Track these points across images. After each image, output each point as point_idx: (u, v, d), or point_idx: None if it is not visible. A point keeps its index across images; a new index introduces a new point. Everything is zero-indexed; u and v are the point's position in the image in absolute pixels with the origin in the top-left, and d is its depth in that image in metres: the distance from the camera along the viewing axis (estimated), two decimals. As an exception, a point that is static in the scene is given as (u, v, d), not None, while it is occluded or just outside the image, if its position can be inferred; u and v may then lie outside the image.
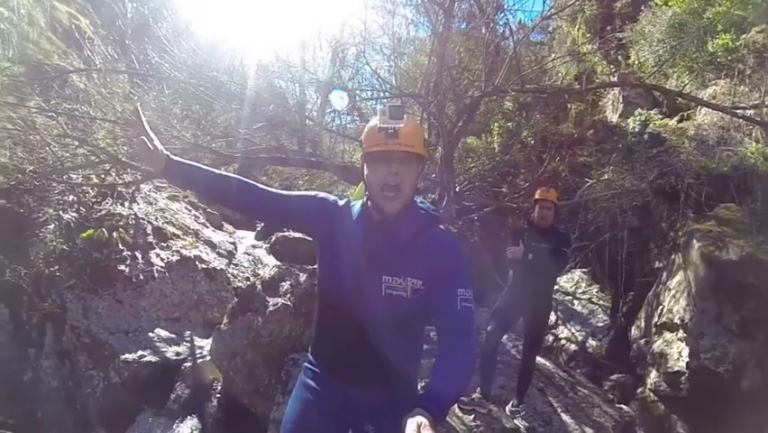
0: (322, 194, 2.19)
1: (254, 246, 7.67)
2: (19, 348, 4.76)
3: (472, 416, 4.29)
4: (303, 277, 4.80)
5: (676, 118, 9.04)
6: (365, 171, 2.04)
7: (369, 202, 2.05)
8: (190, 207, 7.57)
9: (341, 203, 2.14)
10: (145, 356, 4.91)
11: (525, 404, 4.63)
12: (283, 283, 4.71)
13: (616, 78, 9.94)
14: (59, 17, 8.83)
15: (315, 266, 2.30)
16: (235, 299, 4.83)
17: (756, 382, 5.09)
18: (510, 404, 4.63)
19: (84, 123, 6.25)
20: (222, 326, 4.57)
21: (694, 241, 5.74)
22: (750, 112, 7.04)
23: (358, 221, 2.06)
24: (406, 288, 1.94)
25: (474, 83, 6.77)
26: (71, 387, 4.73)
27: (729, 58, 8.88)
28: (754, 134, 7.65)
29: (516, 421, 4.45)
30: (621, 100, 10.34)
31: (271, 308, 4.53)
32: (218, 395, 4.67)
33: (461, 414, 4.32)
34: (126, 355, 4.85)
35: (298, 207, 2.13)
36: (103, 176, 6.28)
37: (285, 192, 2.19)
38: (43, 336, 4.86)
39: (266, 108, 7.08)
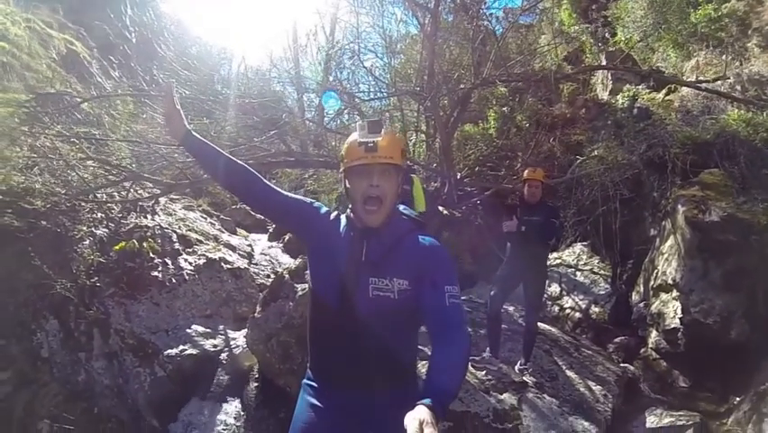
0: (317, 203, 2.30)
1: (269, 247, 8.14)
2: (70, 353, 5.20)
3: (484, 372, 4.83)
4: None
5: (663, 91, 9.34)
6: (347, 185, 2.15)
7: (352, 214, 2.15)
8: (205, 216, 8.01)
9: (332, 214, 2.25)
10: (186, 350, 5.42)
11: (532, 363, 5.16)
12: (308, 272, 5.16)
13: (604, 58, 10.24)
14: (55, 44, 9.20)
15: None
16: (266, 290, 5.37)
17: (744, 332, 5.53)
18: (518, 363, 5.15)
19: (97, 145, 6.74)
20: (255, 314, 5.11)
21: (679, 206, 6.16)
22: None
23: (344, 229, 2.15)
24: (393, 288, 2.01)
25: (465, 76, 7.14)
26: (121, 384, 5.21)
27: (712, 27, 9.15)
28: (736, 102, 7.98)
29: (524, 378, 4.95)
30: (610, 78, 10.64)
31: (300, 293, 5.02)
32: (256, 379, 5.18)
33: (473, 370, 4.84)
34: (169, 351, 5.36)
35: (296, 208, 2.23)
36: (124, 193, 6.80)
37: (285, 192, 2.30)
38: (91, 340, 5.31)
39: (268, 113, 7.48)
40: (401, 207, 2.25)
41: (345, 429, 2.12)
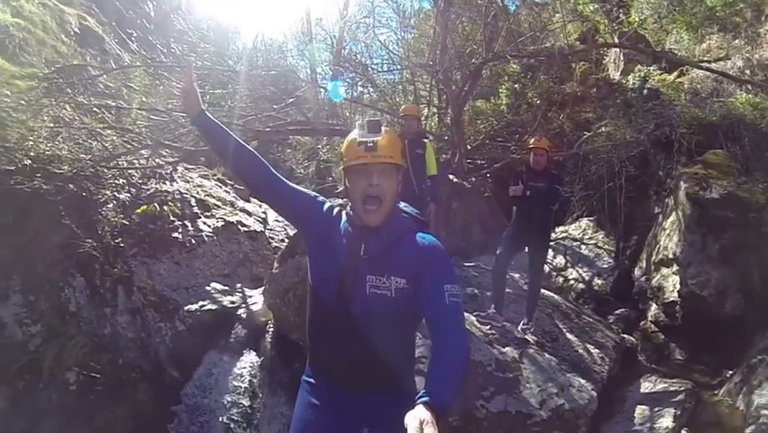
0: (321, 197, 2.30)
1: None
2: (96, 309, 5.53)
3: (488, 326, 5.17)
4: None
5: (675, 73, 9.41)
6: (346, 184, 2.14)
7: (351, 212, 2.13)
8: (220, 184, 8.26)
9: (335, 210, 2.23)
10: (205, 306, 5.77)
11: (534, 324, 5.44)
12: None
13: (617, 38, 10.27)
14: (68, 19, 9.37)
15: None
16: (284, 247, 5.71)
17: (739, 306, 5.75)
18: (521, 323, 5.44)
19: (117, 115, 7.01)
20: (273, 270, 5.43)
21: (681, 183, 6.34)
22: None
23: (344, 226, 2.15)
24: (390, 287, 2.00)
25: (477, 51, 7.29)
26: (144, 337, 5.55)
27: (728, 12, 9.15)
28: (744, 86, 8.08)
29: (526, 336, 5.25)
30: (622, 58, 10.68)
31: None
32: (271, 333, 5.51)
33: (478, 324, 5.17)
34: (189, 306, 5.72)
35: (301, 202, 2.24)
36: (143, 161, 7.09)
37: (292, 184, 2.31)
38: (116, 297, 5.64)
39: (282, 85, 7.68)
40: (402, 205, 2.23)
41: (343, 428, 2.13)
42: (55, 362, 5.16)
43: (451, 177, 7.34)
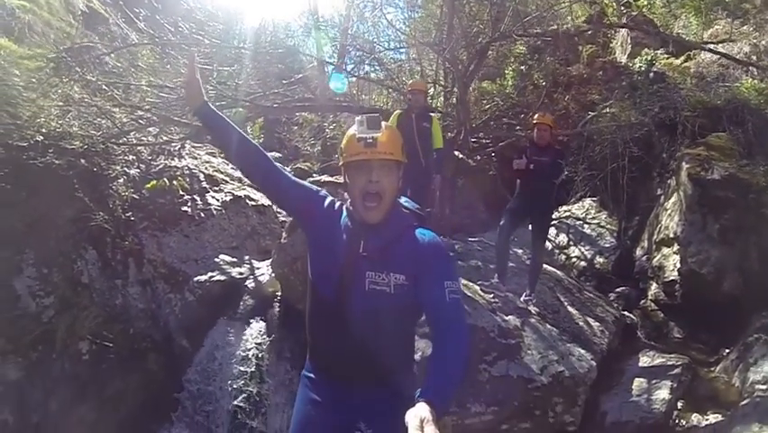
0: (323, 191, 2.29)
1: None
2: (108, 280, 5.65)
3: (491, 295, 5.32)
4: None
5: (682, 58, 9.43)
6: (346, 180, 2.12)
7: (351, 208, 2.13)
8: (227, 161, 8.39)
9: (336, 204, 2.22)
10: (214, 277, 5.95)
11: (536, 297, 5.57)
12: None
13: (625, 20, 10.27)
14: (73, 1, 9.42)
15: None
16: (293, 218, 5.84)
17: (737, 285, 5.82)
18: (524, 295, 5.58)
19: (126, 94, 7.11)
20: (282, 240, 5.57)
21: (683, 163, 6.41)
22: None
23: (345, 221, 2.14)
24: (389, 283, 2.00)
25: (483, 31, 7.35)
26: (154, 308, 5.70)
27: (738, -2, 9.15)
28: (750, 71, 8.13)
29: (528, 307, 5.39)
30: (629, 41, 10.68)
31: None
32: (278, 303, 5.66)
33: (481, 293, 5.33)
34: (198, 277, 5.89)
35: (302, 196, 2.24)
36: (152, 138, 7.21)
37: (294, 177, 2.30)
38: (127, 269, 5.78)
39: (288, 63, 7.76)
40: (402, 200, 2.24)
41: (342, 424, 2.13)
42: (68, 332, 5.26)
43: (456, 153, 7.43)
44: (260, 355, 5.23)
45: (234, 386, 5.15)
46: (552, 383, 4.58)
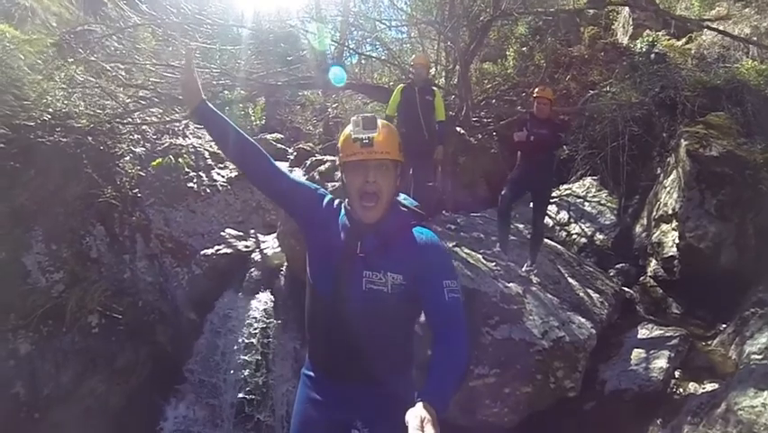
0: (322, 190, 2.29)
1: (291, 170, 8.66)
2: (116, 255, 5.75)
3: (494, 263, 5.44)
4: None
5: (684, 40, 9.46)
6: (344, 180, 2.12)
7: (349, 207, 2.13)
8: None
9: (335, 202, 2.22)
10: (221, 250, 6.08)
11: (538, 269, 5.68)
12: (336, 173, 5.80)
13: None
14: None
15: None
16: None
17: (733, 258, 5.90)
18: (525, 265, 5.68)
19: (129, 75, 7.18)
20: None
21: (682, 140, 6.48)
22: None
23: (342, 220, 2.14)
24: (387, 282, 2.00)
25: (485, 9, 7.41)
26: (162, 282, 5.80)
27: (743, -22, 9.14)
28: (751, 53, 8.17)
29: (530, 277, 5.51)
30: (631, 23, 10.71)
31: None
32: (284, 275, 5.80)
33: (484, 261, 5.45)
34: (205, 251, 6.03)
35: (301, 195, 2.23)
36: (156, 117, 7.29)
37: (292, 176, 2.31)
38: (134, 243, 5.88)
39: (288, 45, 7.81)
40: (401, 197, 2.23)
41: (340, 422, 2.14)
42: (77, 306, 5.35)
43: (458, 129, 7.52)
44: (265, 325, 5.35)
45: (241, 359, 5.28)
46: (553, 348, 4.69)
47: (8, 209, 5.42)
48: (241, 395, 5.28)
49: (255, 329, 5.34)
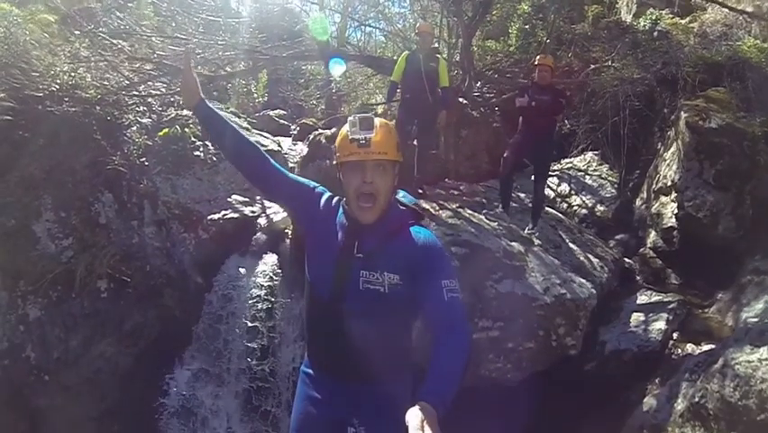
0: (321, 187, 2.27)
1: (294, 144, 8.78)
2: (124, 222, 5.81)
3: (496, 223, 5.59)
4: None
5: (687, 18, 9.49)
6: (341, 179, 2.09)
7: (347, 206, 2.11)
8: (232, 116, 8.54)
9: (334, 200, 2.20)
10: (228, 214, 6.21)
11: (539, 233, 5.81)
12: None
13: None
14: None
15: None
16: (305, 152, 6.05)
17: (731, 228, 6.00)
18: (527, 228, 5.82)
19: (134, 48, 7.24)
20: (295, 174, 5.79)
21: (682, 113, 6.55)
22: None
23: (340, 219, 2.13)
24: (383, 282, 1.99)
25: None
26: (169, 247, 5.90)
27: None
28: (753, 32, 8.21)
29: (532, 239, 5.64)
30: (635, 1, 10.72)
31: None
32: (290, 237, 5.91)
33: (486, 220, 5.61)
34: (212, 216, 6.13)
35: (299, 194, 2.23)
36: (162, 90, 7.36)
37: (291, 175, 2.30)
38: (142, 210, 5.95)
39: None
40: (400, 195, 2.21)
41: (337, 420, 2.15)
42: (87, 271, 5.41)
43: (461, 100, 7.62)
44: (272, 288, 5.46)
45: (248, 314, 5.42)
46: (555, 304, 4.83)
47: (17, 178, 5.49)
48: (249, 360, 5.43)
49: (261, 290, 5.44)
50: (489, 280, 4.80)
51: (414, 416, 1.47)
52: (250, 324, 5.40)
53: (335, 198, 2.21)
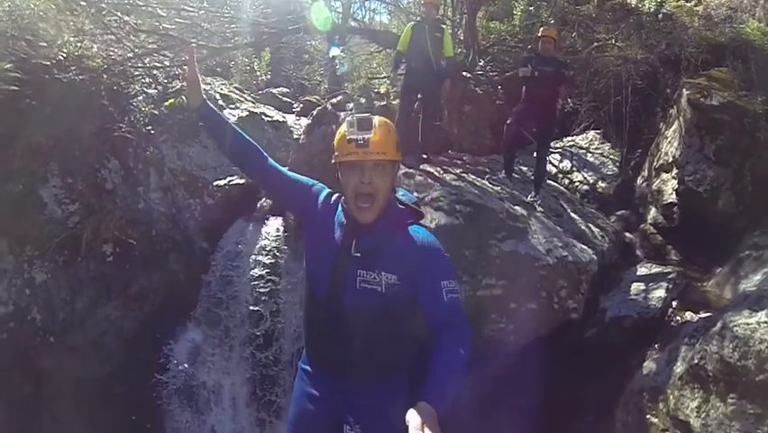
0: (319, 185, 2.26)
1: (298, 118, 8.81)
2: (131, 188, 5.88)
3: (499, 187, 5.65)
4: (363, 100, 6.14)
5: (693, 1, 9.51)
6: (339, 179, 2.07)
7: (345, 205, 2.10)
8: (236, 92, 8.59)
9: (333, 197, 2.19)
10: (233, 180, 6.28)
11: (541, 201, 5.87)
12: (348, 104, 6.24)
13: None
14: None
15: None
16: (311, 118, 6.14)
17: (730, 203, 6.02)
18: (529, 196, 5.90)
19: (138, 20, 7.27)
20: (300, 140, 5.82)
21: (684, 90, 6.57)
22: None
23: (339, 217, 2.12)
24: (381, 282, 1.98)
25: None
26: (174, 213, 5.97)
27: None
28: (757, 15, 8.23)
29: (534, 204, 5.71)
30: (641, -17, 10.70)
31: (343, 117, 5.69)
32: None
33: (489, 184, 5.68)
34: (218, 182, 6.22)
35: (298, 192, 2.24)
36: (168, 62, 7.39)
37: (290, 173, 2.30)
38: (148, 177, 6.01)
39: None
40: (399, 194, 2.21)
41: (334, 418, 2.16)
42: (93, 235, 5.48)
43: (465, 74, 7.67)
44: (277, 251, 5.53)
45: (253, 280, 5.49)
46: (557, 265, 4.88)
47: (24, 146, 5.52)
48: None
49: (266, 253, 5.52)
50: (492, 239, 4.86)
51: (414, 416, 1.49)
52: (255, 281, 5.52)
53: (334, 196, 2.20)
